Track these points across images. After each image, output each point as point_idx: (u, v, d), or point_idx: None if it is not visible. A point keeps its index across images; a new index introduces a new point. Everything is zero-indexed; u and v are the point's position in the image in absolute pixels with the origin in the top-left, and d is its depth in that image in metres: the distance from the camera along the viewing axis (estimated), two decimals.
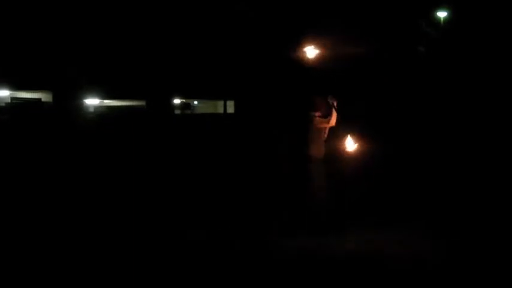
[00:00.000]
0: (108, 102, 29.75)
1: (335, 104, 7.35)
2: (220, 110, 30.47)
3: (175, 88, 26.80)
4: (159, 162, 12.11)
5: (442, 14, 22.04)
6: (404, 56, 18.85)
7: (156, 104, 24.53)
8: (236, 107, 28.91)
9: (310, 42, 7.72)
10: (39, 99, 26.61)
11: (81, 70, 23.43)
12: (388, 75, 17.96)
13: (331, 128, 7.39)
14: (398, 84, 16.98)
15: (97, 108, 28.32)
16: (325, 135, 7.37)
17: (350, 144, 7.19)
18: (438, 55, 19.44)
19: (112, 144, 14.43)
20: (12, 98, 25.92)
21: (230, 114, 28.70)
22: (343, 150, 7.24)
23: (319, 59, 7.68)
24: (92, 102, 27.65)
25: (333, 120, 7.35)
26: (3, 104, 24.24)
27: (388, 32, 19.19)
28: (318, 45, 7.69)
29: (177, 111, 29.86)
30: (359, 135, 7.27)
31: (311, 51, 7.59)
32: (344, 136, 7.23)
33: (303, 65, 7.73)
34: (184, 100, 31.21)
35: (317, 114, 7.28)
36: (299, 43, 7.75)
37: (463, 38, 19.17)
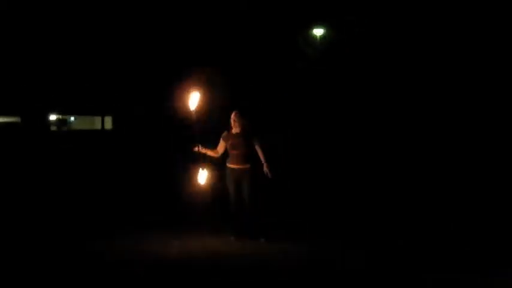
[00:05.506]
0: None
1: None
2: (98, 126, 30.24)
3: (51, 103, 26.38)
4: (35, 180, 12.20)
5: (318, 32, 22.39)
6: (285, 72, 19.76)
7: (32, 120, 24.13)
8: (114, 122, 28.94)
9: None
10: None
11: None
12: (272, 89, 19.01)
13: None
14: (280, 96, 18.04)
15: None
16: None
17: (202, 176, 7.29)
18: (315, 70, 20.75)
19: None
20: None
21: (108, 130, 28.65)
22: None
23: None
24: None
25: None
26: None
27: (270, 50, 20.28)
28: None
29: (53, 128, 29.35)
30: None
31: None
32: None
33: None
34: (60, 116, 30.67)
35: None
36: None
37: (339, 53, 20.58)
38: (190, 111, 7.08)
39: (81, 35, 24.44)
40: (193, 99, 7.03)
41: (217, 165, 7.59)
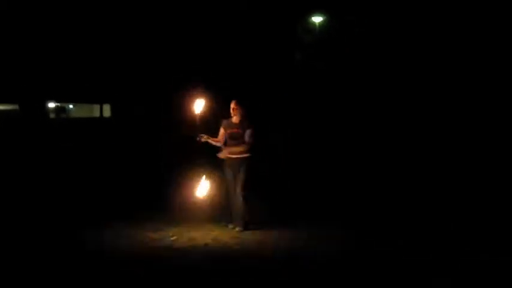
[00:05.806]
0: None
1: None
2: (96, 114, 30.21)
3: (50, 91, 26.29)
4: (35, 168, 12.25)
5: (317, 19, 22.36)
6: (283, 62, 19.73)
7: (30, 108, 24.04)
8: (113, 110, 28.90)
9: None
10: None
11: None
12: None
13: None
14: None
15: None
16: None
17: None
18: (312, 59, 20.68)
19: None
20: None
21: (106, 118, 28.62)
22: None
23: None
24: None
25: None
26: None
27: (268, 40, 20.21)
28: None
29: (52, 116, 29.31)
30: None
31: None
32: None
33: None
34: (59, 104, 30.62)
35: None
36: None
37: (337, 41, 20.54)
38: (195, 115, 7.08)
39: (79, 24, 24.33)
40: (198, 105, 7.04)
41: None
